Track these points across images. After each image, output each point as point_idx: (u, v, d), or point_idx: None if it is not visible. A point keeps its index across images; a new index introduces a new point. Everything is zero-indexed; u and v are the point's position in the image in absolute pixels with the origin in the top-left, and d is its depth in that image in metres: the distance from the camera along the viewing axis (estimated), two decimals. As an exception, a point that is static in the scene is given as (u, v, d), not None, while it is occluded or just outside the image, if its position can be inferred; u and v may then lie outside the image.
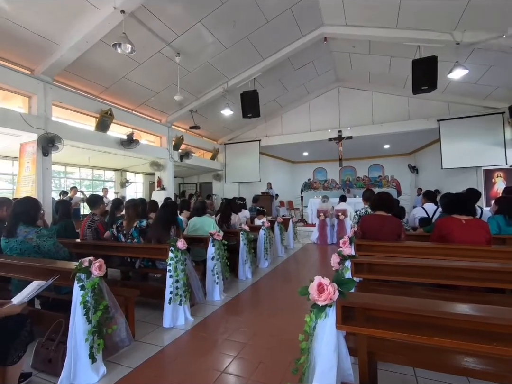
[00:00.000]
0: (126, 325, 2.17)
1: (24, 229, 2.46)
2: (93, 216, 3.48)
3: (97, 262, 1.96)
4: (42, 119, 5.69)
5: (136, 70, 6.55)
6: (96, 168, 10.71)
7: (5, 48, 5.07)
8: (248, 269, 4.22)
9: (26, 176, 5.78)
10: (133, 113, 8.12)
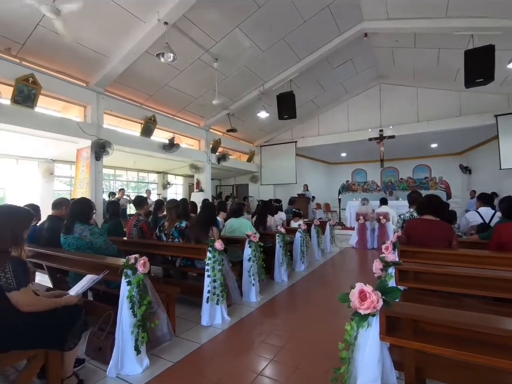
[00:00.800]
0: (168, 320, 2.27)
1: (80, 227, 2.70)
2: (138, 216, 3.71)
3: (142, 259, 2.08)
4: (95, 126, 6.23)
5: (177, 77, 6.88)
6: (141, 171, 11.44)
7: (65, 63, 5.64)
8: (284, 271, 4.18)
9: (82, 178, 6.37)
10: (174, 119, 8.53)
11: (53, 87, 5.49)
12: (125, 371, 1.97)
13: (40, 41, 4.94)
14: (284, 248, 4.18)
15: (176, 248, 3.26)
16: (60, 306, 1.72)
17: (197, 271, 3.44)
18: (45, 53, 5.26)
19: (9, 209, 1.71)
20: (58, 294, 1.92)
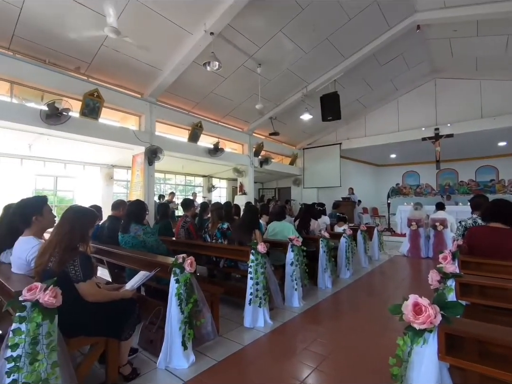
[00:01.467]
0: (212, 319, 2.34)
1: (135, 227, 2.93)
2: (185, 218, 3.91)
3: (189, 259, 2.18)
4: (148, 134, 6.74)
5: (221, 84, 7.14)
6: (188, 175, 12.07)
7: (123, 78, 6.22)
8: (328, 278, 4.05)
9: (136, 182, 6.92)
10: (219, 124, 8.85)
11: (113, 99, 6.08)
12: (173, 365, 2.07)
13: (103, 59, 5.53)
14: (328, 253, 4.05)
15: (220, 249, 3.36)
16: (118, 299, 1.88)
17: (240, 272, 3.50)
18: (107, 69, 5.86)
19: (79, 209, 1.92)
20: (116, 288, 2.11)
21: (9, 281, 1.78)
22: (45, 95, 5.40)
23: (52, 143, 6.26)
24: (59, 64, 5.42)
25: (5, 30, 4.59)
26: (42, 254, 1.74)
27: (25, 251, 1.91)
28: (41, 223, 2.02)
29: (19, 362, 1.32)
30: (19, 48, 4.95)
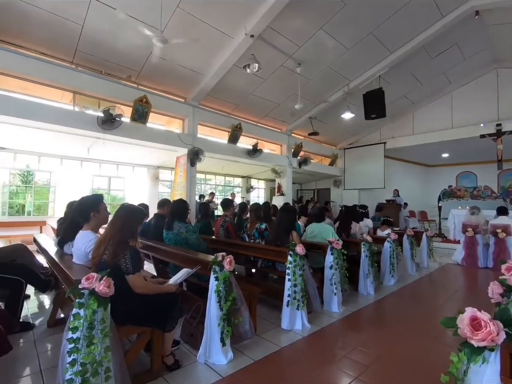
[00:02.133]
0: (250, 318, 2.36)
1: (178, 225, 3.08)
2: (225, 217, 4.01)
3: (228, 258, 2.23)
4: (191, 136, 7.05)
5: (261, 86, 7.19)
6: (227, 176, 12.37)
7: (168, 84, 6.58)
8: (370, 284, 3.85)
9: (179, 182, 7.28)
10: (257, 125, 8.93)
11: (160, 105, 6.47)
12: (212, 360, 2.13)
13: (151, 67, 5.91)
14: (370, 258, 3.85)
15: (258, 249, 3.38)
16: (163, 293, 1.99)
17: (277, 273, 3.48)
18: (154, 77, 6.25)
19: (130, 208, 2.08)
20: (161, 282, 2.23)
21: (71, 270, 1.99)
22: (101, 102, 5.94)
23: (107, 147, 6.85)
24: (113, 74, 5.92)
25: (70, 46, 5.14)
26: (98, 247, 1.91)
27: (84, 244, 2.12)
28: (97, 219, 2.23)
29: (78, 344, 1.46)
30: (80, 61, 5.51)
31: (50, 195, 8.79)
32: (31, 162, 8.24)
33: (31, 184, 9.27)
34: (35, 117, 4.92)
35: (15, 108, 4.74)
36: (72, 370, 1.43)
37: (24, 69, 4.91)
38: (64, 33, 4.86)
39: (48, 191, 8.88)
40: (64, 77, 5.28)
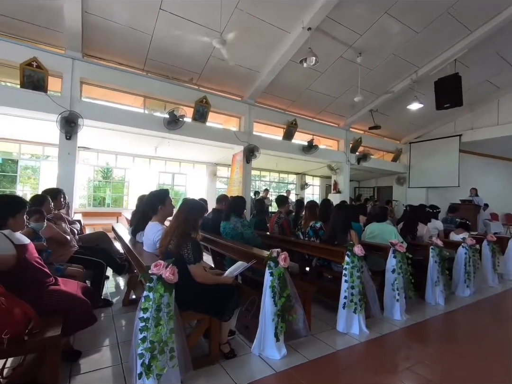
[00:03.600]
0: (304, 317, 2.33)
1: (234, 219, 3.20)
2: (280, 214, 4.02)
3: (283, 254, 2.22)
4: (247, 134, 7.21)
5: (318, 80, 6.98)
6: (281, 172, 12.37)
7: (227, 84, 6.83)
8: (440, 293, 3.45)
9: (235, 178, 7.53)
10: (313, 121, 8.71)
11: (218, 104, 6.75)
12: (266, 353, 2.16)
13: (211, 69, 6.20)
14: (440, 264, 3.45)
15: (314, 247, 3.30)
16: (220, 283, 2.09)
17: (333, 273, 3.36)
18: (214, 78, 6.55)
19: (192, 202, 2.23)
20: (218, 273, 2.35)
21: (142, 257, 2.22)
22: (167, 105, 6.46)
23: (171, 146, 7.44)
24: (177, 78, 6.38)
25: (141, 55, 5.70)
26: (164, 237, 2.09)
27: (153, 234, 2.34)
28: (164, 212, 2.44)
29: (148, 323, 1.62)
30: (150, 68, 6.07)
31: (125, 189, 9.95)
32: (110, 160, 9.42)
33: (110, 180, 10.61)
34: (113, 120, 5.59)
35: (98, 113, 5.45)
36: (143, 346, 1.60)
37: (106, 78, 5.61)
38: (137, 43, 5.40)
39: (123, 185, 10.07)
40: (137, 83, 5.88)
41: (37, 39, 5.10)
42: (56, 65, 5.06)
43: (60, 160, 5.19)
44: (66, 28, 4.79)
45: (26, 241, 1.90)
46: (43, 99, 4.87)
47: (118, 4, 4.66)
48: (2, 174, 8.91)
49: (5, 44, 4.74)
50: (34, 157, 8.89)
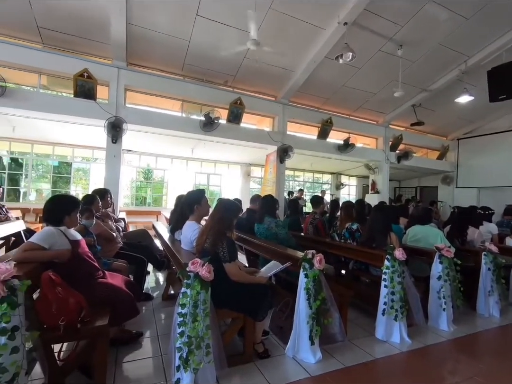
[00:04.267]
0: (340, 321, 2.26)
1: (268, 219, 3.19)
2: (314, 215, 3.94)
3: (318, 256, 2.17)
4: (280, 134, 7.18)
5: (354, 76, 6.73)
6: (316, 172, 12.12)
7: (260, 84, 6.86)
8: (495, 304, 3.13)
9: (269, 178, 7.54)
10: (350, 118, 8.42)
11: (252, 105, 6.81)
12: (300, 356, 2.13)
13: (245, 71, 6.28)
14: (495, 272, 3.14)
15: (350, 250, 3.19)
16: (255, 283, 2.10)
17: (371, 277, 3.21)
18: (248, 79, 6.62)
19: (227, 202, 2.28)
20: (252, 271, 2.37)
21: (180, 255, 2.31)
22: (203, 107, 6.66)
23: (207, 147, 7.66)
24: (212, 81, 6.55)
25: (179, 60, 5.95)
26: (201, 236, 2.16)
27: (190, 232, 2.43)
28: (200, 211, 2.52)
29: (186, 318, 1.68)
30: (187, 73, 6.31)
31: (164, 189, 10.45)
32: (151, 162, 9.97)
33: (150, 180, 11.23)
34: (154, 124, 5.91)
35: (140, 117, 5.80)
36: (181, 340, 1.66)
37: (147, 84, 5.95)
38: (175, 50, 5.65)
39: (162, 186, 10.59)
40: (175, 88, 6.16)
41: (87, 52, 5.57)
42: (104, 75, 5.48)
43: (107, 162, 5.62)
44: (113, 39, 5.17)
45: (78, 237, 2.09)
46: (93, 107, 5.30)
47: (158, 13, 4.91)
48: (58, 175, 9.86)
49: (60, 58, 5.24)
50: (85, 160, 9.71)
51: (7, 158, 8.86)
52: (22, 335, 1.31)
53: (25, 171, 8.72)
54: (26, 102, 4.98)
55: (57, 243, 1.88)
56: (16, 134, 7.08)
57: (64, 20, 4.89)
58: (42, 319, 1.57)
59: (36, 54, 5.13)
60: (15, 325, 1.28)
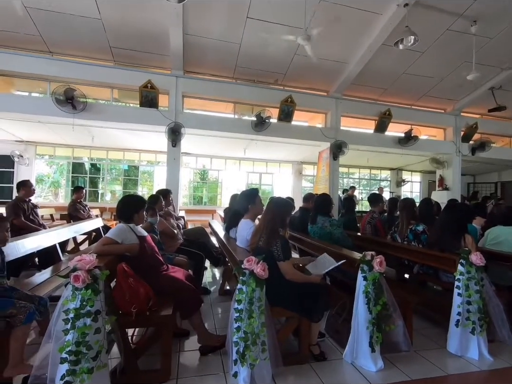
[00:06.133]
0: (404, 329, 2.07)
1: (322, 218, 3.10)
2: (372, 213, 3.70)
3: (378, 258, 2.03)
4: (333, 130, 6.91)
5: (417, 61, 6.14)
6: (373, 168, 11.39)
7: (311, 80, 6.70)
8: None
9: (322, 176, 7.32)
10: (412, 109, 7.70)
11: (303, 102, 6.68)
12: (359, 363, 2.02)
13: (296, 67, 6.20)
14: None
15: (416, 252, 2.91)
16: (309, 282, 2.06)
17: (441, 284, 2.89)
18: (298, 76, 6.52)
19: (279, 201, 2.28)
20: (307, 260, 2.41)
21: (236, 252, 2.38)
22: (254, 108, 6.77)
23: (258, 147, 7.77)
24: (263, 81, 6.62)
25: (231, 64, 6.14)
26: (255, 234, 2.19)
27: (245, 230, 2.49)
28: (254, 210, 2.57)
29: (242, 314, 1.73)
30: (239, 75, 6.48)
31: (218, 189, 10.93)
32: (206, 163, 10.51)
33: (206, 181, 11.85)
34: (209, 127, 6.22)
35: (196, 121, 6.15)
36: (237, 335, 1.71)
37: (202, 90, 6.28)
38: (227, 54, 5.85)
39: (217, 186, 11.08)
40: (228, 91, 6.38)
41: (149, 64, 6.11)
42: (164, 84, 5.95)
43: (168, 164, 6.09)
44: (171, 51, 5.57)
45: (144, 233, 2.30)
46: (155, 114, 5.80)
47: (211, 21, 5.13)
48: (128, 178, 11.04)
49: (128, 73, 5.84)
50: (149, 163, 10.69)
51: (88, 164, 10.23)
52: (103, 318, 1.50)
53: (102, 174, 9.97)
54: (102, 114, 5.67)
55: (127, 238, 2.09)
56: (95, 143, 8.12)
57: (130, 38, 5.44)
58: (118, 306, 1.77)
59: (109, 71, 5.81)
60: (97, 309, 1.47)
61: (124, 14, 4.94)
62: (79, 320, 1.41)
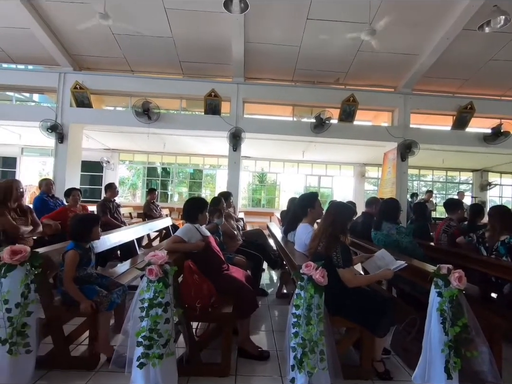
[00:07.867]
0: (491, 357, 1.78)
1: (387, 225, 2.87)
2: (449, 221, 3.28)
3: (457, 272, 1.79)
4: (401, 128, 6.36)
5: (508, 45, 5.25)
6: (450, 170, 10.10)
7: (375, 76, 6.28)
8: None
9: (387, 179, 6.78)
10: (501, 100, 6.61)
11: (366, 100, 6.31)
12: (432, 388, 1.81)
13: (359, 64, 5.90)
14: None
15: (505, 268, 2.48)
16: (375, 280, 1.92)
17: (542, 309, 2.40)
18: (362, 73, 6.18)
19: (340, 205, 2.19)
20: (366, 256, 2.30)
21: (294, 256, 2.36)
22: (313, 109, 6.64)
23: (317, 149, 7.60)
24: (323, 81, 6.46)
25: (290, 67, 6.15)
26: (314, 239, 2.14)
27: (303, 235, 2.45)
28: (313, 214, 2.52)
29: (300, 320, 1.70)
30: (298, 77, 6.45)
31: (276, 191, 11.01)
32: (264, 166, 10.69)
33: (264, 183, 12.04)
34: (267, 130, 6.32)
35: (255, 126, 6.31)
36: (295, 341, 1.69)
37: (261, 95, 6.43)
38: (287, 57, 5.88)
39: (275, 188, 11.18)
40: (286, 94, 6.40)
41: (213, 74, 6.51)
42: (226, 92, 6.26)
43: (229, 168, 6.38)
44: (234, 60, 5.85)
45: (208, 233, 2.44)
46: (218, 121, 6.15)
47: (271, 26, 5.22)
48: (193, 181, 11.90)
49: (195, 83, 6.32)
50: (212, 167, 11.34)
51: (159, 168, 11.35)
52: (172, 310, 1.64)
53: (171, 177, 10.96)
54: (172, 123, 6.26)
55: (193, 237, 2.26)
56: (166, 149, 8.99)
57: (197, 51, 5.88)
58: (184, 300, 1.92)
59: (178, 84, 6.38)
60: (167, 301, 1.61)
61: (191, 30, 5.37)
62: (152, 309, 1.58)
